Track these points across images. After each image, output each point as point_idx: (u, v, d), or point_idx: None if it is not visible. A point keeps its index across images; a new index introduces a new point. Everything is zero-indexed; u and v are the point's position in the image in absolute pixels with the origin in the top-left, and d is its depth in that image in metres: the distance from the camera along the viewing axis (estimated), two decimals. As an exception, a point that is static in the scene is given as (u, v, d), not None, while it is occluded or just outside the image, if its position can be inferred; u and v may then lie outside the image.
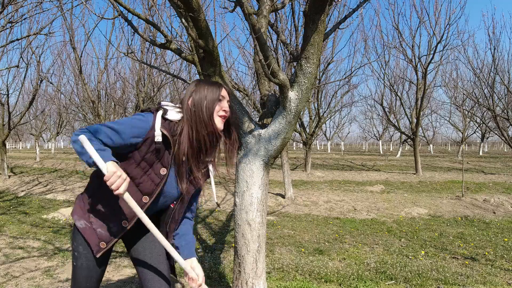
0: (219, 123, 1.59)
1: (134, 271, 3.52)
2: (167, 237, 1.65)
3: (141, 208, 1.53)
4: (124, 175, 1.39)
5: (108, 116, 11.40)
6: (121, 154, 1.53)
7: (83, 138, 1.36)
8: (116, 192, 1.37)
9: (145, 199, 1.56)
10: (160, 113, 1.54)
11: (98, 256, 1.58)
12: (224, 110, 1.60)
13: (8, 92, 11.01)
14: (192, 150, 1.57)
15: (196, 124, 1.55)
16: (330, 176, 12.83)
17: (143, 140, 1.50)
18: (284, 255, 4.12)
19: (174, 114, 1.56)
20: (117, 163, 1.41)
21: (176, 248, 1.70)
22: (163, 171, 1.55)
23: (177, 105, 1.61)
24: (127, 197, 1.43)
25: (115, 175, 1.35)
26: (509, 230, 5.39)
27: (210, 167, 1.70)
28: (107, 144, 1.45)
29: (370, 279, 3.40)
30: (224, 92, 1.62)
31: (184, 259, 1.63)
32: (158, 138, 1.50)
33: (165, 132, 1.52)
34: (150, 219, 1.52)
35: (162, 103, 1.60)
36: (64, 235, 4.73)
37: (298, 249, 4.36)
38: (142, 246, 1.70)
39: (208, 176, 1.71)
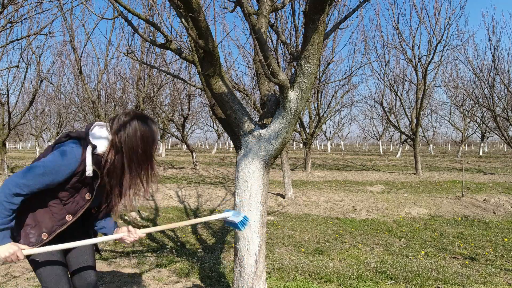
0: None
1: (134, 271, 3.52)
2: (91, 233, 1.92)
3: (64, 224, 1.72)
4: (13, 251, 1.57)
5: (108, 116, 11.39)
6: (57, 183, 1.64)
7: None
8: (15, 260, 1.60)
9: (69, 217, 1.72)
10: (89, 150, 1.63)
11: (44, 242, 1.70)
12: (154, 151, 1.74)
13: (8, 92, 11.01)
14: (115, 181, 1.72)
15: (135, 157, 1.66)
16: (330, 176, 12.83)
17: (72, 175, 1.62)
18: (284, 255, 4.12)
19: (102, 146, 1.66)
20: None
21: (103, 229, 1.92)
22: (88, 196, 1.72)
23: (104, 133, 1.68)
24: (30, 251, 1.65)
25: (8, 258, 1.58)
26: (509, 230, 5.39)
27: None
28: (44, 187, 1.60)
29: (370, 279, 3.40)
30: (157, 136, 1.74)
31: (112, 233, 1.88)
32: (89, 173, 1.63)
33: (96, 169, 1.65)
34: (74, 225, 1.78)
35: (91, 134, 1.67)
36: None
37: (298, 249, 4.36)
38: (72, 251, 1.90)
39: (128, 201, 1.79)
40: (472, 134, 26.97)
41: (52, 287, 1.75)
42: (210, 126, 32.29)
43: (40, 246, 1.67)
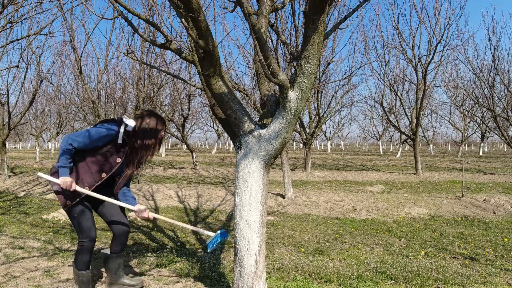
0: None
1: (134, 270, 3.52)
2: (115, 198, 2.84)
3: (100, 180, 2.68)
4: (69, 181, 2.57)
5: (108, 116, 11.39)
6: (96, 146, 2.63)
7: (63, 153, 2.58)
8: (69, 188, 2.56)
9: (104, 175, 2.70)
10: (123, 126, 2.69)
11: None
12: (162, 136, 2.82)
13: (8, 92, 11.00)
14: (136, 150, 2.75)
15: (145, 137, 2.72)
16: (330, 176, 12.83)
17: (109, 142, 2.65)
18: (284, 255, 4.12)
19: (130, 127, 2.70)
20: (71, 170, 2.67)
21: (127, 201, 2.81)
22: (118, 160, 2.70)
23: (133, 120, 2.77)
24: (79, 189, 2.62)
25: (66, 184, 2.56)
26: (509, 230, 5.39)
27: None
28: (85, 146, 2.62)
29: (370, 279, 3.40)
30: (163, 126, 2.83)
31: (133, 206, 2.78)
32: (120, 141, 2.67)
33: (126, 138, 2.68)
34: (104, 188, 2.77)
35: (124, 119, 2.72)
36: (64, 235, 4.73)
37: (298, 249, 4.36)
38: (104, 206, 2.88)
39: (140, 167, 2.85)
40: (472, 134, 27.00)
41: (85, 232, 2.66)
42: (210, 126, 32.31)
43: (81, 196, 2.64)
